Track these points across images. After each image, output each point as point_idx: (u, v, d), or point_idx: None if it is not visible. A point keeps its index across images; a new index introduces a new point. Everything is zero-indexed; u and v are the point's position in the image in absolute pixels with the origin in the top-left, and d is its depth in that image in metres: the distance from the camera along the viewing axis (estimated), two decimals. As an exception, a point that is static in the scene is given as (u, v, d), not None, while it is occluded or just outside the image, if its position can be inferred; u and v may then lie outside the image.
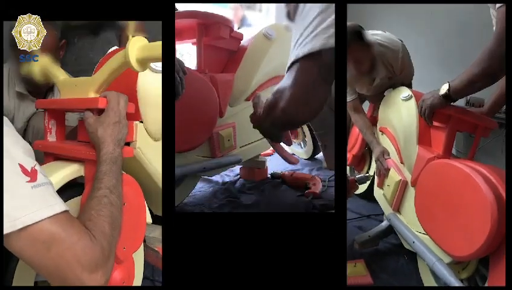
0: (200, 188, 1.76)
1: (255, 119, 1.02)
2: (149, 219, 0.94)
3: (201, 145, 1.39)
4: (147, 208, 0.93)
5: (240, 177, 1.91)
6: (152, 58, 0.76)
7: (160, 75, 0.95)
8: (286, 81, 0.87)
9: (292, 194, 1.69)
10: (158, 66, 0.95)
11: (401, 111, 1.32)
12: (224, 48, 1.56)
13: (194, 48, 1.48)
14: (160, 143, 1.00)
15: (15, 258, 0.71)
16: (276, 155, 2.53)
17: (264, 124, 1.01)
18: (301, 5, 0.90)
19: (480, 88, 0.94)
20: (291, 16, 1.04)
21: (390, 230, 1.29)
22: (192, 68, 1.43)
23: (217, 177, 1.89)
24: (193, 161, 1.38)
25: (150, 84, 0.94)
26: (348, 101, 1.54)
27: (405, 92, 1.34)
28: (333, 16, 0.84)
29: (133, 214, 0.86)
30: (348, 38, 1.01)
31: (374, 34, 1.44)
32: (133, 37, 0.75)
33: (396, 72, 1.47)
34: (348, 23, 1.05)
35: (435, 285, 1.04)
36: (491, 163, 0.97)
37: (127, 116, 0.84)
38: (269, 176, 1.93)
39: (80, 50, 1.35)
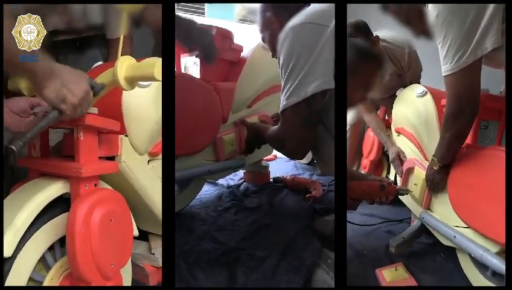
0: (206, 191, 1.81)
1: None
2: (135, 232, 0.93)
3: (206, 150, 1.45)
4: (133, 221, 0.93)
5: (243, 181, 1.96)
6: (140, 77, 0.76)
7: (144, 90, 0.94)
8: (284, 130, 1.08)
9: (293, 198, 1.72)
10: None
11: (418, 108, 1.30)
12: (225, 59, 1.62)
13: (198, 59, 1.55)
14: (145, 157, 1.01)
15: (11, 260, 0.72)
16: (278, 160, 2.61)
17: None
18: (279, 43, 1.02)
19: (460, 145, 1.02)
20: (265, 41, 1.17)
21: (423, 229, 1.24)
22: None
23: (221, 181, 1.95)
24: (199, 164, 1.44)
25: (135, 99, 0.93)
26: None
27: (419, 88, 1.33)
28: (310, 61, 0.95)
29: (120, 229, 0.85)
30: (352, 33, 1.05)
31: (377, 32, 1.45)
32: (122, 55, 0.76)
33: (404, 68, 1.50)
34: (352, 20, 1.08)
35: (481, 278, 0.99)
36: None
37: (112, 131, 0.86)
38: (271, 180, 1.98)
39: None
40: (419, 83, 1.54)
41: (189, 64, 1.73)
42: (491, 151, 0.96)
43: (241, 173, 2.05)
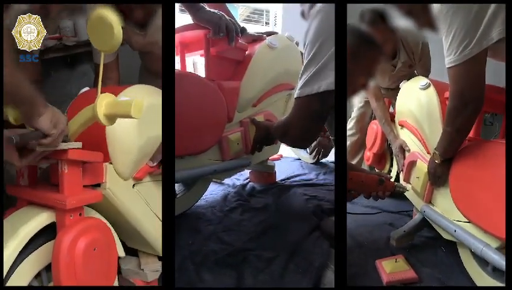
0: (212, 191, 1.79)
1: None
2: (121, 253, 0.98)
3: (212, 149, 1.44)
4: (119, 243, 0.96)
5: (249, 181, 1.95)
6: (118, 114, 0.80)
7: (126, 120, 0.96)
8: (292, 118, 1.06)
9: (300, 198, 1.71)
10: None
11: (421, 100, 1.28)
12: (230, 58, 1.61)
13: (203, 59, 1.53)
14: (129, 182, 1.03)
15: (17, 262, 0.77)
16: (283, 160, 2.59)
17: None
18: (309, 18, 0.98)
19: (462, 140, 1.00)
20: (305, 17, 1.13)
21: (425, 223, 1.24)
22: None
23: (227, 181, 1.93)
24: (204, 163, 1.43)
25: (119, 127, 0.95)
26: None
27: (422, 80, 1.32)
28: (331, 51, 0.90)
29: (103, 257, 0.88)
30: (372, 19, 1.02)
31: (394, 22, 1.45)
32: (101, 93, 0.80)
33: (416, 59, 1.49)
34: (372, 6, 1.05)
35: (481, 273, 0.97)
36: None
37: (95, 162, 0.91)
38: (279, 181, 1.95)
39: (56, 82, 1.35)
40: (427, 77, 1.51)
41: (198, 60, 1.72)
42: (493, 144, 0.94)
43: (246, 172, 2.03)
